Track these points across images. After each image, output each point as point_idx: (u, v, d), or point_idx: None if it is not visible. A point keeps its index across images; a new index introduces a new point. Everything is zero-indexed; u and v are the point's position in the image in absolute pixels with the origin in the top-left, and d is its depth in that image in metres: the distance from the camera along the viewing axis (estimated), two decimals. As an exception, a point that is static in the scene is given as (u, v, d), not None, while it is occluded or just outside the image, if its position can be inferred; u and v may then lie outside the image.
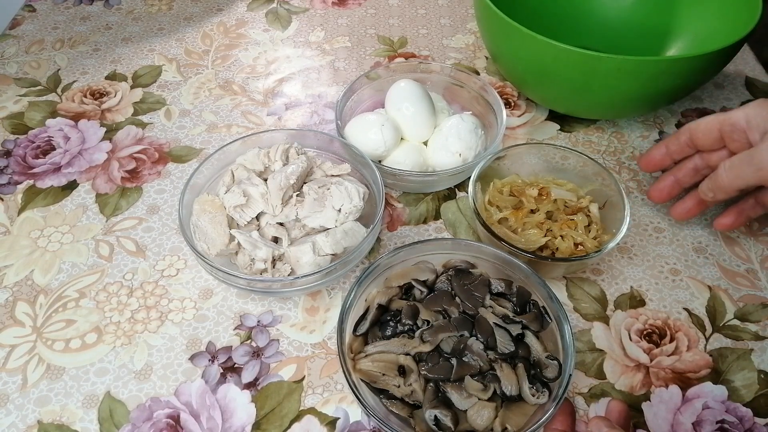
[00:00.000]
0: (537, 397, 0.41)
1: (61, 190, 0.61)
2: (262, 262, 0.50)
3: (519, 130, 0.68)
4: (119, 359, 0.49)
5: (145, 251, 0.56)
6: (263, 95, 0.72)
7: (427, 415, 0.41)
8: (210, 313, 0.52)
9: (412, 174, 0.58)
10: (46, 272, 0.54)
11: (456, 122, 0.59)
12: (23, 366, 0.48)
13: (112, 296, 0.53)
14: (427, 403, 0.41)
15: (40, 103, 0.71)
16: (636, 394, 0.47)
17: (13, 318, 0.51)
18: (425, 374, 0.42)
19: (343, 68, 0.76)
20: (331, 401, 0.46)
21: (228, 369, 0.48)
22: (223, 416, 0.46)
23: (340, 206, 0.52)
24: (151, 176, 0.63)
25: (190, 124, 0.68)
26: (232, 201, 0.52)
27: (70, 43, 0.79)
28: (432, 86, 0.67)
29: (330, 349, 0.50)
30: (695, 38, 0.69)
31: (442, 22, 0.84)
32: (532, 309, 0.46)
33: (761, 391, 0.47)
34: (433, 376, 0.42)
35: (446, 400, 0.41)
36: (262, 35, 0.81)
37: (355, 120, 0.60)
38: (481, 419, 0.40)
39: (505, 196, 0.56)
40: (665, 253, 0.56)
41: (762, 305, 0.52)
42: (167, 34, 0.81)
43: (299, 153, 0.56)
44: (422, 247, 0.49)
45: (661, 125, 0.69)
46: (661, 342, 0.50)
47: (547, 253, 0.52)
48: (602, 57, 0.54)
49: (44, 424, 0.45)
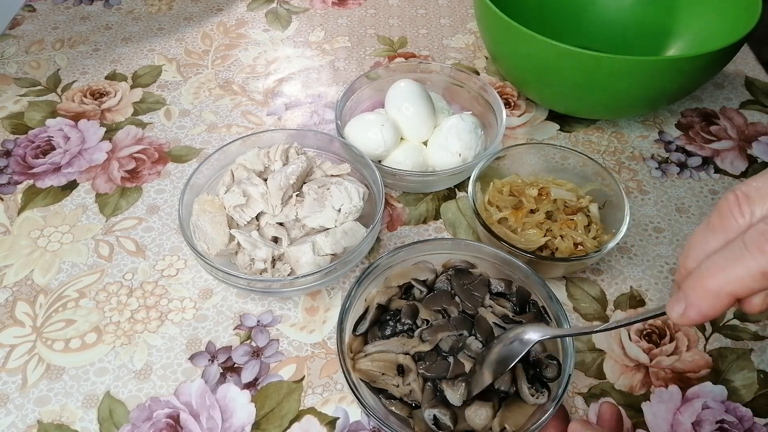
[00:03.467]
0: (536, 397, 0.41)
1: (61, 190, 0.61)
2: (262, 262, 0.50)
3: (519, 130, 0.68)
4: (119, 359, 0.49)
5: (145, 251, 0.56)
6: (263, 95, 0.72)
7: (426, 415, 0.41)
8: (210, 313, 0.52)
9: (412, 174, 0.58)
10: (46, 272, 0.54)
11: (456, 122, 0.59)
12: (23, 366, 0.48)
13: (112, 296, 0.53)
14: (426, 402, 0.41)
15: (40, 103, 0.71)
16: (636, 394, 0.47)
17: (13, 318, 0.51)
18: (423, 373, 0.42)
19: (343, 68, 0.76)
20: (330, 401, 0.46)
21: (228, 369, 0.48)
22: (222, 416, 0.46)
23: (339, 206, 0.52)
24: (151, 176, 0.63)
25: (190, 124, 0.68)
26: (232, 201, 0.52)
27: (70, 43, 0.79)
28: (432, 86, 0.67)
29: (330, 349, 0.50)
30: (695, 38, 0.69)
31: (442, 22, 0.84)
32: (532, 309, 0.46)
33: (761, 391, 0.47)
34: (430, 374, 0.42)
35: (445, 399, 0.41)
36: (262, 35, 0.81)
37: (355, 120, 0.60)
38: (479, 419, 0.40)
39: (504, 196, 0.56)
40: (665, 253, 0.56)
41: (762, 305, 0.52)
42: (167, 34, 0.81)
43: (299, 153, 0.56)
44: (422, 247, 0.49)
45: (661, 125, 0.69)
46: (660, 342, 0.50)
47: (546, 253, 0.52)
48: (602, 57, 0.54)
49: (44, 424, 0.45)
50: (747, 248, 0.27)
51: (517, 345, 0.41)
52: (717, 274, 0.28)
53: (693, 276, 0.29)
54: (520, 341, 0.41)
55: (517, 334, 0.41)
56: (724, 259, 0.28)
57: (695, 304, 0.29)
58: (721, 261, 0.28)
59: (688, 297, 0.29)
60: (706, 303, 0.28)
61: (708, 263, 0.28)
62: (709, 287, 0.28)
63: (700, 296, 0.28)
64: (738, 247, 0.27)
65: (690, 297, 0.29)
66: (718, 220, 0.29)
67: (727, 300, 0.28)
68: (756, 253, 0.27)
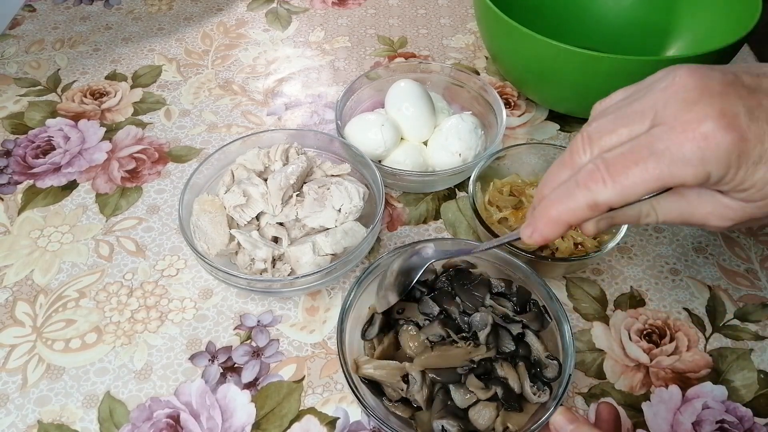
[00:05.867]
0: (538, 395, 0.41)
1: (61, 190, 0.61)
2: (262, 262, 0.50)
3: (519, 130, 0.68)
4: (119, 359, 0.49)
5: (145, 251, 0.56)
6: (263, 95, 0.72)
7: (434, 426, 0.41)
8: (210, 313, 0.52)
9: (412, 174, 0.58)
10: (46, 272, 0.54)
11: (456, 122, 0.59)
12: (23, 366, 0.48)
13: (112, 296, 0.53)
14: (435, 413, 0.41)
15: (40, 103, 0.70)
16: (636, 394, 0.47)
17: (13, 318, 0.51)
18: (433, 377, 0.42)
19: (343, 68, 0.76)
20: (330, 401, 0.46)
21: (228, 369, 0.48)
22: (223, 416, 0.45)
23: (340, 206, 0.52)
24: (151, 176, 0.63)
25: (190, 124, 0.68)
26: (232, 201, 0.52)
27: (70, 43, 0.79)
28: (432, 86, 0.67)
29: (330, 349, 0.50)
30: (695, 38, 0.69)
31: (442, 22, 0.84)
32: (532, 308, 0.46)
33: (761, 391, 0.47)
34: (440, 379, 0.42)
35: (453, 410, 0.41)
36: (262, 35, 0.81)
37: (355, 120, 0.60)
38: (483, 419, 0.40)
39: (505, 196, 0.56)
40: (665, 253, 0.56)
41: (762, 305, 0.52)
42: (167, 34, 0.81)
43: (299, 153, 0.56)
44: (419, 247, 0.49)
45: (661, 125, 0.69)
46: (661, 342, 0.50)
47: (547, 253, 0.52)
48: (602, 57, 0.54)
49: (44, 424, 0.45)
50: (577, 185, 0.32)
51: (415, 259, 0.46)
52: (556, 205, 0.33)
53: (541, 205, 0.34)
54: (418, 256, 0.46)
55: (416, 251, 0.46)
56: (561, 192, 0.33)
57: (540, 229, 0.35)
58: (560, 193, 0.33)
59: (535, 223, 0.35)
60: (548, 228, 0.34)
61: (552, 195, 0.34)
62: (550, 215, 0.34)
63: (544, 223, 0.34)
64: (572, 183, 0.33)
65: (537, 223, 0.35)
66: (569, 157, 0.34)
67: (564, 226, 0.34)
68: (583, 189, 0.32)
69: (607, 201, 0.31)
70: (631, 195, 0.31)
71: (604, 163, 0.31)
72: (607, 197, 0.31)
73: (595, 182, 0.31)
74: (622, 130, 0.32)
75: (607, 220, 0.35)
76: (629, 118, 0.32)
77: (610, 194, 0.31)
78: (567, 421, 0.36)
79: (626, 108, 0.33)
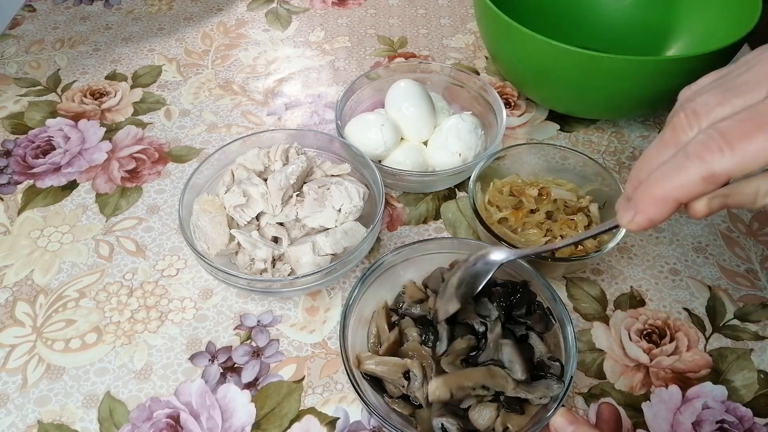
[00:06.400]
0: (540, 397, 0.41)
1: (61, 190, 0.61)
2: (262, 262, 0.50)
3: (519, 130, 0.68)
4: (119, 359, 0.49)
5: (145, 251, 0.56)
6: (263, 95, 0.72)
7: (434, 424, 0.41)
8: (210, 313, 0.52)
9: (412, 174, 0.58)
10: (46, 272, 0.54)
11: (456, 122, 0.59)
12: (23, 366, 0.48)
13: (112, 296, 0.53)
14: (435, 411, 0.41)
15: (40, 103, 0.70)
16: (636, 394, 0.47)
17: (13, 318, 0.51)
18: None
19: (343, 68, 0.76)
20: (331, 401, 0.46)
21: (228, 369, 0.48)
22: (223, 416, 0.45)
23: (340, 206, 0.52)
24: (151, 176, 0.63)
25: (190, 124, 0.68)
26: (232, 201, 0.52)
27: (70, 43, 0.79)
28: (432, 86, 0.67)
29: (330, 349, 0.50)
30: (695, 38, 0.69)
31: (442, 22, 0.84)
32: (537, 310, 0.46)
33: (761, 391, 0.47)
34: None
35: (452, 408, 0.41)
36: (262, 35, 0.81)
37: (355, 120, 0.60)
38: (483, 419, 0.40)
39: (505, 196, 0.56)
40: (665, 253, 0.56)
41: (762, 305, 0.52)
42: (167, 34, 0.81)
43: (299, 153, 0.56)
44: (423, 246, 0.49)
45: (661, 125, 0.69)
46: (661, 342, 0.50)
47: (547, 253, 0.51)
48: (602, 57, 0.54)
49: (44, 424, 0.45)
50: (688, 157, 0.29)
51: (481, 266, 0.43)
52: (662, 182, 0.30)
53: (642, 186, 0.31)
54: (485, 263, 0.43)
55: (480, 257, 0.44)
56: (668, 168, 0.30)
57: (643, 210, 0.31)
58: (665, 170, 0.30)
59: (637, 204, 0.31)
60: (654, 209, 0.31)
61: (655, 173, 0.30)
62: (656, 194, 0.30)
63: (648, 203, 0.31)
64: (681, 156, 0.29)
65: (639, 204, 0.31)
66: (671, 135, 0.31)
67: (672, 205, 0.30)
68: (695, 160, 0.29)
69: (726, 170, 0.28)
70: (753, 163, 0.28)
71: (718, 132, 0.28)
72: (726, 166, 0.28)
73: (711, 151, 0.28)
74: (735, 101, 0.29)
75: (721, 199, 0.31)
76: (741, 89, 0.30)
77: (729, 163, 0.28)
78: (567, 422, 0.35)
79: (733, 81, 0.30)
